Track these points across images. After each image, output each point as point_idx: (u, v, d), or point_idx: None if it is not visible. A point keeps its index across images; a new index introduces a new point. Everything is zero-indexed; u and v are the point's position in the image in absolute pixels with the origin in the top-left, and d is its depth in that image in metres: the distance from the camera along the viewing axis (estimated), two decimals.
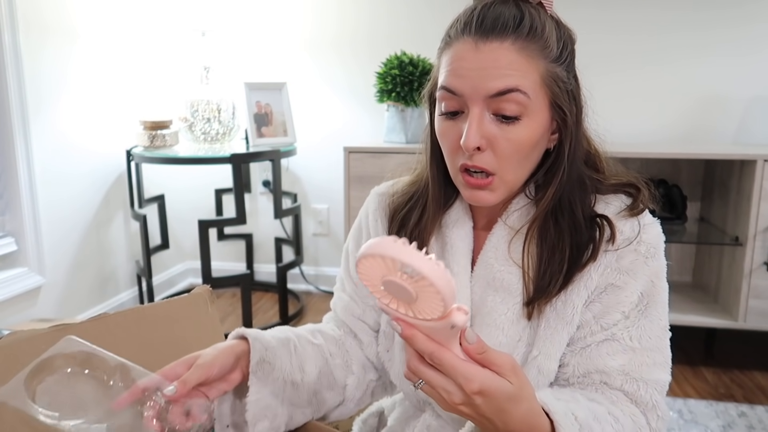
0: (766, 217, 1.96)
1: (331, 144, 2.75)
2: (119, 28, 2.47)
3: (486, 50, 0.67)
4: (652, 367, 0.71)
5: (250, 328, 0.76)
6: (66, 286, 2.27)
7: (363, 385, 0.88)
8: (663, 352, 0.72)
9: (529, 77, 0.67)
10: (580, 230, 0.73)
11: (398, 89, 2.24)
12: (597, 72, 2.45)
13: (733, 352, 2.27)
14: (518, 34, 0.67)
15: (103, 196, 2.45)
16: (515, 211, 0.77)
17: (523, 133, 0.68)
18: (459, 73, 0.68)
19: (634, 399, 0.71)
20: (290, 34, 2.72)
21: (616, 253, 0.72)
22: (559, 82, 0.69)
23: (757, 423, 1.79)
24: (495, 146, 0.69)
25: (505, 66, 0.66)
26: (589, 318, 0.73)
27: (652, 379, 0.71)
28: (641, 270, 0.72)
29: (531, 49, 0.67)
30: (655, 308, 0.72)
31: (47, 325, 0.70)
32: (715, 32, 2.37)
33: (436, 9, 2.56)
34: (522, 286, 0.74)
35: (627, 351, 0.71)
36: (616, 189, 0.76)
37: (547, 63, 0.68)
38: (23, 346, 0.67)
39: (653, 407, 0.70)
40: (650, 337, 0.71)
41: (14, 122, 1.99)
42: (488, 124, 0.68)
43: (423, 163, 0.83)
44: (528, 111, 0.68)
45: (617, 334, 0.71)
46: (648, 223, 0.74)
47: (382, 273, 0.50)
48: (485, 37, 0.67)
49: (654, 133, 2.48)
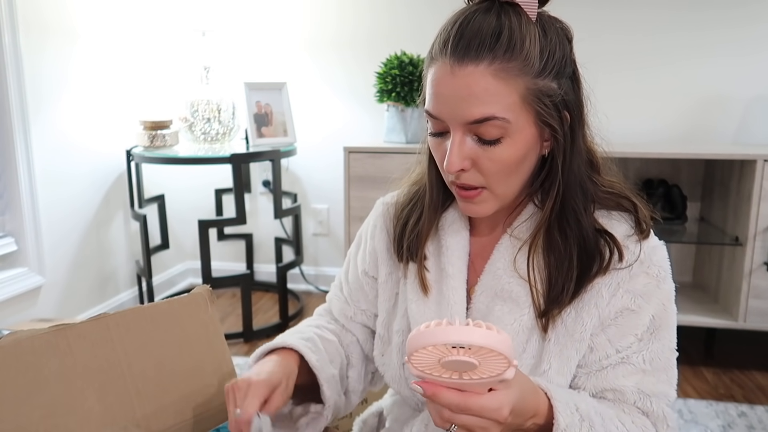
0: (766, 217, 1.96)
1: (331, 144, 2.75)
2: (119, 28, 2.47)
3: (461, 75, 0.65)
4: (661, 384, 0.73)
5: (281, 338, 0.82)
6: (66, 286, 2.27)
7: (363, 376, 0.91)
8: (671, 371, 0.75)
9: (507, 100, 0.65)
10: (588, 239, 0.72)
11: (398, 89, 2.24)
12: (597, 72, 2.44)
13: (733, 352, 2.27)
14: (495, 54, 0.64)
15: (103, 196, 2.45)
16: (525, 220, 0.77)
17: (507, 152, 0.68)
18: (438, 99, 0.68)
19: (645, 411, 0.73)
20: (290, 34, 2.72)
21: (629, 274, 0.72)
22: (544, 98, 0.67)
23: (757, 423, 1.79)
24: (479, 166, 0.69)
25: (480, 93, 0.65)
26: (604, 341, 0.73)
27: (662, 393, 0.73)
28: (654, 293, 0.73)
29: (508, 69, 0.65)
30: (666, 331, 0.74)
31: (47, 325, 0.70)
32: (715, 32, 2.37)
33: (436, 9, 2.56)
34: (530, 297, 0.74)
35: (639, 372, 0.73)
36: (614, 202, 0.76)
37: (528, 80, 0.66)
38: (23, 346, 0.67)
39: (663, 418, 0.72)
40: (660, 359, 0.73)
41: (14, 122, 1.99)
42: (470, 147, 0.68)
43: (422, 165, 0.84)
44: (509, 132, 0.67)
45: (631, 357, 0.73)
46: (655, 245, 0.74)
47: (438, 357, 0.53)
48: (460, 60, 0.65)
49: (654, 133, 2.48)
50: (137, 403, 0.74)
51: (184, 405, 0.78)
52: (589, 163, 0.76)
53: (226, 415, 0.84)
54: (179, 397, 0.78)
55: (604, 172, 0.78)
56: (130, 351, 0.75)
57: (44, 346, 0.68)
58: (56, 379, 0.68)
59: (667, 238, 2.30)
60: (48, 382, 0.68)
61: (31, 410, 0.66)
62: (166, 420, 0.76)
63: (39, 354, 0.68)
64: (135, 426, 0.72)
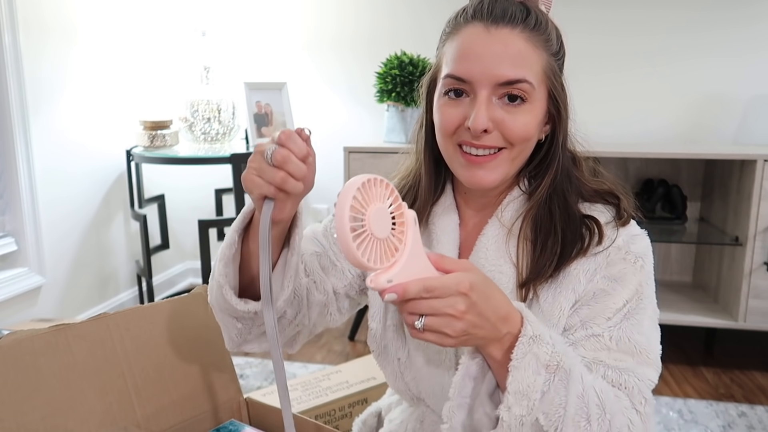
0: (766, 217, 1.96)
1: (331, 144, 2.74)
2: (119, 28, 2.47)
3: (497, 35, 0.69)
4: (628, 364, 0.69)
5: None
6: (66, 286, 2.27)
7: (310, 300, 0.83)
8: (646, 355, 0.70)
9: (535, 68, 0.71)
10: (573, 219, 0.74)
11: (398, 89, 2.24)
12: (597, 71, 2.45)
13: (733, 352, 2.27)
14: (526, 24, 0.70)
15: (103, 196, 2.45)
16: (510, 203, 0.78)
17: (527, 117, 0.71)
18: (470, 58, 0.70)
19: (616, 385, 0.68)
20: (290, 34, 2.72)
21: (607, 260, 0.73)
22: (556, 76, 0.74)
23: (757, 423, 1.79)
24: (503, 127, 0.71)
25: (515, 54, 0.69)
26: (576, 321, 0.73)
27: (631, 369, 0.69)
28: (630, 279, 0.73)
29: (537, 39, 0.71)
30: (639, 315, 0.72)
31: (47, 325, 0.70)
32: (715, 32, 2.37)
33: (436, 9, 2.56)
34: (514, 283, 0.75)
35: (605, 349, 0.70)
36: (598, 196, 0.77)
37: (548, 55, 0.72)
38: (23, 346, 0.67)
39: (637, 392, 0.68)
40: (629, 341, 0.70)
41: (14, 122, 1.99)
42: (495, 108, 0.71)
43: (411, 159, 0.85)
44: (532, 99, 0.71)
45: (598, 332, 0.71)
46: (636, 234, 0.75)
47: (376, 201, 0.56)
48: (496, 22, 0.70)
49: (654, 133, 2.48)
50: (137, 403, 0.74)
51: (184, 405, 0.78)
52: (573, 161, 0.79)
53: (226, 415, 0.84)
54: (179, 397, 0.78)
55: (590, 173, 0.80)
56: (130, 351, 0.75)
57: (44, 346, 0.68)
58: (56, 379, 0.68)
59: (667, 238, 2.31)
60: (48, 382, 0.68)
61: (31, 410, 0.66)
62: (166, 420, 0.76)
63: (39, 354, 0.68)
64: (135, 426, 0.72)
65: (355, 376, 1.57)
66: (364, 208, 0.55)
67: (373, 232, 0.55)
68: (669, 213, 2.33)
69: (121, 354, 0.74)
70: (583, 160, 0.80)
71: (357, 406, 1.49)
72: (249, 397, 0.88)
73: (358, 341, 2.39)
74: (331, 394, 1.48)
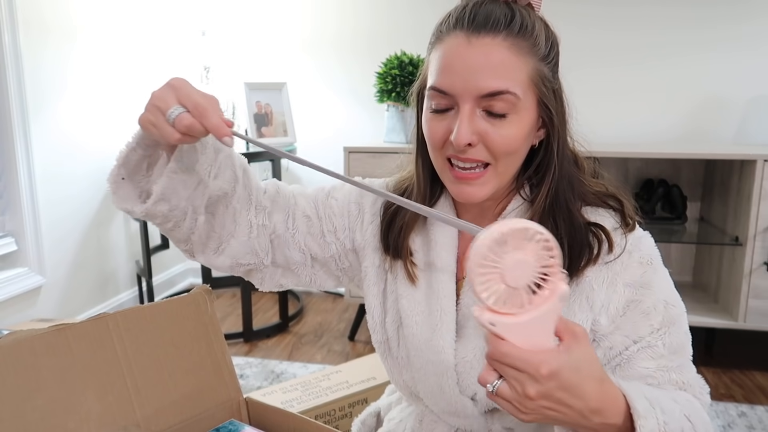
0: (766, 217, 1.96)
1: (331, 144, 2.74)
2: (119, 28, 2.47)
3: (478, 45, 0.67)
4: (680, 360, 0.73)
5: None
6: (66, 286, 2.27)
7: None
8: (688, 349, 0.75)
9: (519, 76, 0.68)
10: (578, 229, 0.73)
11: (398, 89, 2.24)
12: (596, 71, 2.45)
13: (733, 352, 2.27)
14: (510, 30, 0.67)
15: (103, 196, 2.45)
16: (511, 212, 0.77)
17: (513, 129, 0.69)
18: (451, 71, 0.68)
19: (677, 385, 0.72)
20: (290, 34, 2.72)
21: (622, 266, 0.73)
22: (546, 81, 0.70)
23: (757, 423, 1.79)
24: (487, 141, 0.69)
25: (496, 65, 0.66)
26: (621, 338, 0.73)
27: (683, 365, 0.73)
28: (654, 281, 0.73)
29: (521, 46, 0.67)
30: (678, 317, 0.74)
31: (47, 325, 0.70)
32: (715, 31, 2.37)
33: (437, 9, 2.54)
34: None
35: (660, 357, 0.72)
36: (601, 200, 0.77)
37: (535, 61, 0.69)
38: (23, 346, 0.67)
39: (696, 383, 0.73)
40: (676, 343, 0.73)
41: (14, 122, 1.99)
42: (478, 121, 0.69)
43: (411, 161, 0.84)
44: (516, 109, 0.68)
45: (651, 342, 0.72)
46: (641, 236, 0.75)
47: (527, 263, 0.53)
48: (477, 31, 0.67)
49: (654, 133, 2.48)
50: (137, 403, 0.74)
51: (184, 405, 0.78)
52: (575, 163, 0.78)
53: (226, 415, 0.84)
54: (179, 397, 0.78)
55: (590, 174, 0.79)
56: (130, 351, 0.75)
57: (44, 346, 0.68)
58: (56, 379, 0.68)
59: (667, 238, 2.30)
60: (48, 382, 0.68)
61: (31, 410, 0.66)
62: (166, 420, 0.76)
63: (39, 354, 0.68)
64: (135, 426, 0.72)
65: (355, 376, 1.57)
66: (505, 251, 0.53)
67: (504, 275, 0.53)
68: (669, 213, 2.33)
69: (121, 354, 0.74)
70: (584, 161, 0.79)
71: (357, 406, 1.49)
72: (249, 397, 0.88)
73: (358, 341, 2.39)
74: (331, 394, 1.48)
